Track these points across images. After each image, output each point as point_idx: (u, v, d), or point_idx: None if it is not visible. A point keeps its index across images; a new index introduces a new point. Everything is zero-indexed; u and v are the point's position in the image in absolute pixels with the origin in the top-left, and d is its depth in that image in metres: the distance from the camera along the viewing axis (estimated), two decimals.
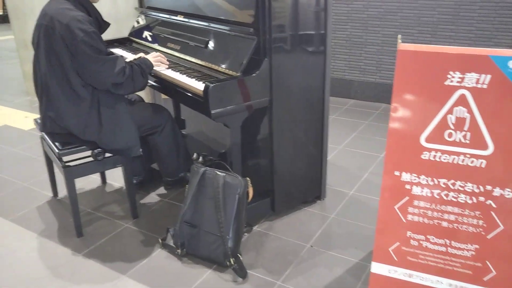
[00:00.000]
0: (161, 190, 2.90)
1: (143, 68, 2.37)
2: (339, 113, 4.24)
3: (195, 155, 3.02)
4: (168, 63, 2.56)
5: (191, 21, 2.66)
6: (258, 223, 2.53)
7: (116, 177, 3.02)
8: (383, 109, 4.35)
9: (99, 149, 2.34)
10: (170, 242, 2.31)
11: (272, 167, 2.48)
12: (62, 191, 2.86)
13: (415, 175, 1.72)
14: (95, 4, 2.35)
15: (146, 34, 3.07)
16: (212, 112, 2.11)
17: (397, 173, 1.75)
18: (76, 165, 2.37)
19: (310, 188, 2.70)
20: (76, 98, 2.24)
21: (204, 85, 2.14)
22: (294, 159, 2.56)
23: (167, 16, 2.88)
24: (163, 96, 3.40)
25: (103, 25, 2.41)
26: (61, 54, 2.18)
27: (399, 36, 1.73)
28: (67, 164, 2.34)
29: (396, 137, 1.73)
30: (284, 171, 2.52)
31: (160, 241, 2.35)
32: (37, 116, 3.98)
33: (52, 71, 2.23)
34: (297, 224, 2.52)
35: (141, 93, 4.04)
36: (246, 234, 2.41)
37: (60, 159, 2.32)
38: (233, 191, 2.15)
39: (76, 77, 2.21)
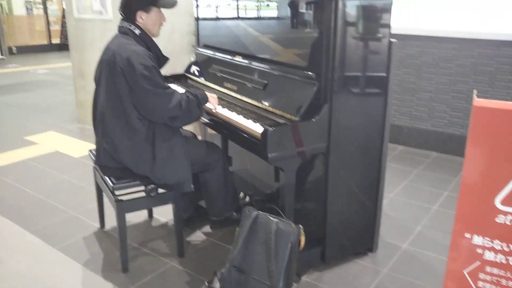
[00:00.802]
0: (208, 228, 2.86)
1: (199, 99, 2.38)
2: (388, 160, 4.11)
3: (241, 194, 2.99)
4: (217, 106, 2.55)
5: (249, 62, 2.67)
6: (306, 273, 2.42)
7: (162, 212, 3.00)
8: (434, 157, 4.21)
9: (153, 185, 2.33)
10: (217, 285, 2.24)
11: (325, 215, 2.39)
12: (109, 223, 2.86)
13: (488, 239, 1.61)
14: (154, 39, 2.41)
15: (202, 72, 3.11)
16: (269, 156, 2.07)
17: (467, 235, 1.64)
18: (128, 199, 2.36)
19: (362, 239, 2.59)
20: (131, 131, 2.26)
21: (262, 128, 2.11)
22: (348, 207, 2.47)
23: (224, 55, 2.91)
24: (210, 131, 3.40)
25: (162, 60, 2.45)
26: (120, 87, 2.21)
27: (475, 91, 1.66)
28: (119, 198, 2.34)
29: (469, 196, 1.63)
30: (337, 219, 2.44)
31: (207, 284, 2.29)
32: (88, 143, 4.07)
33: (110, 104, 2.27)
34: (348, 277, 2.40)
35: (191, 128, 4.07)
36: (294, 284, 2.32)
37: (113, 193, 2.33)
38: (286, 239, 2.08)
39: (133, 111, 2.24)
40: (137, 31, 2.33)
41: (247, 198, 2.94)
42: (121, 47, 2.25)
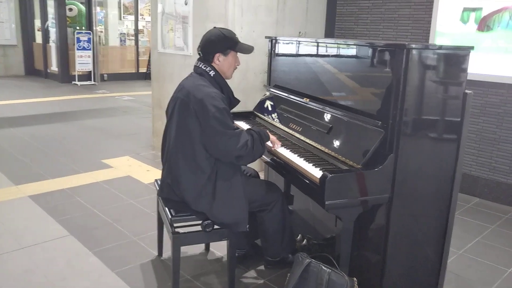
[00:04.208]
0: (261, 268, 2.82)
1: (262, 137, 2.42)
2: (461, 212, 3.86)
3: (299, 237, 2.93)
4: (278, 144, 2.57)
5: (316, 104, 2.66)
6: None
7: (219, 246, 3.02)
8: None
9: (209, 221, 2.36)
10: None
11: (383, 268, 2.28)
12: (167, 252, 2.92)
13: None
14: (227, 80, 2.48)
15: (270, 111, 3.14)
16: (327, 203, 2.02)
17: None
18: (184, 232, 2.41)
19: None
20: (197, 170, 2.33)
21: (321, 173, 2.08)
22: (409, 261, 2.34)
23: (292, 96, 2.93)
24: None
25: (234, 102, 2.53)
26: (191, 127, 2.29)
27: None
28: (176, 230, 2.39)
29: None
30: (396, 273, 2.31)
31: None
32: (158, 171, 4.23)
33: (180, 142, 2.36)
34: None
35: (256, 165, 4.10)
36: None
37: (171, 225, 2.38)
38: None
39: (201, 150, 2.31)
40: (212, 73, 2.42)
41: (305, 241, 2.87)
42: (195, 88, 2.34)
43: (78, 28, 11.45)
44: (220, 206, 2.33)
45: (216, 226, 2.40)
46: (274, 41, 3.30)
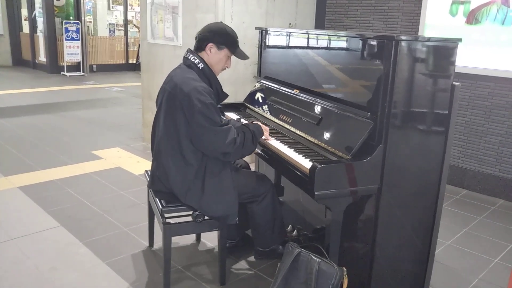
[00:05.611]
0: (252, 258, 2.84)
1: (256, 135, 2.41)
2: (449, 203, 3.92)
3: (289, 227, 2.96)
4: (270, 138, 2.56)
5: (306, 96, 2.67)
6: None
7: (210, 236, 3.04)
8: (500, 205, 3.95)
9: (199, 212, 2.37)
10: None
11: (372, 258, 2.31)
12: (158, 242, 2.93)
13: None
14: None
15: (261, 102, 3.15)
16: (316, 193, 2.04)
17: None
18: (175, 223, 2.42)
19: (411, 287, 2.46)
20: (184, 164, 2.33)
21: (311, 164, 2.09)
22: (398, 251, 2.37)
23: (283, 88, 2.94)
24: None
25: (222, 96, 2.51)
26: (178, 120, 2.29)
27: None
28: (167, 221, 2.40)
29: None
30: (385, 263, 2.34)
31: None
32: (149, 162, 4.22)
33: (167, 135, 2.35)
34: None
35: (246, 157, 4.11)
36: None
37: (162, 215, 2.39)
38: (327, 281, 2.03)
39: (188, 144, 2.30)
40: (200, 65, 2.39)
41: (295, 232, 2.90)
42: (183, 81, 2.31)
43: (66, 18, 11.31)
44: (209, 200, 2.34)
45: (207, 217, 2.41)
46: (264, 32, 3.29)
